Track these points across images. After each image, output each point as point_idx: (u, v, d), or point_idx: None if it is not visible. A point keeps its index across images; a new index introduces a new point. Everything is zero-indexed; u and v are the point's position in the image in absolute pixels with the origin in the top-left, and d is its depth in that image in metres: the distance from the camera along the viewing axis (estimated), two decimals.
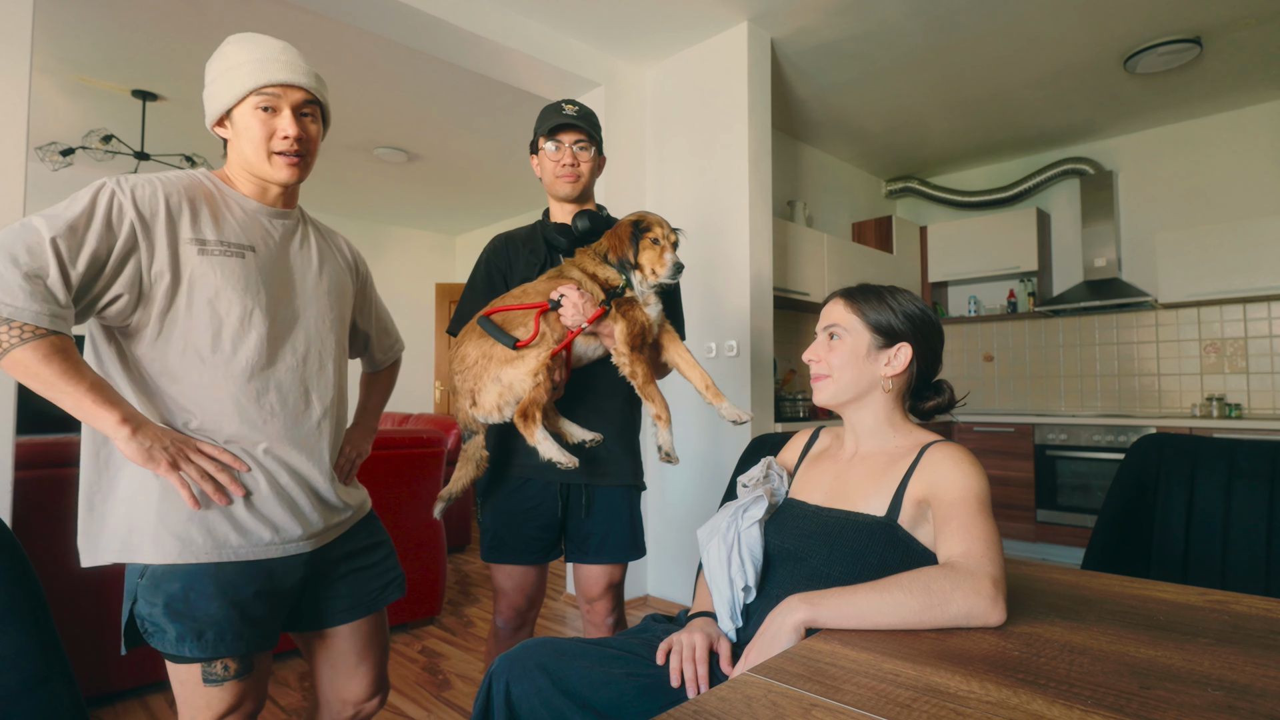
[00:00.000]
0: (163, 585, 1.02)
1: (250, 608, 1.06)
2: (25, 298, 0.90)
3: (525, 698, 1.00)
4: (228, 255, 1.07)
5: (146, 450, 0.98)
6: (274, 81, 1.08)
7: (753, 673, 0.74)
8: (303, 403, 1.15)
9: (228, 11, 2.95)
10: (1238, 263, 3.80)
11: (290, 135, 1.11)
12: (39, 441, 2.21)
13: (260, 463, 1.09)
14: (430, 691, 2.37)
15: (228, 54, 1.11)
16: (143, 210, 1.01)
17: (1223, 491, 1.50)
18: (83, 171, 4.95)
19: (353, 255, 1.36)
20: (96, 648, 2.17)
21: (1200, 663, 0.75)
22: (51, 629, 0.81)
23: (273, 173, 1.13)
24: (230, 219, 1.11)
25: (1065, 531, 4.10)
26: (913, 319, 1.13)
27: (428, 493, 2.98)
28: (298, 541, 1.12)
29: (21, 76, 2.01)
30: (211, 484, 1.03)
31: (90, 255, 0.96)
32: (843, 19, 3.07)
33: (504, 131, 4.29)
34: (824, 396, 1.14)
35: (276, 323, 1.12)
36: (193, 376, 1.06)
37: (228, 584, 1.04)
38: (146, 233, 1.01)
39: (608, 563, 1.59)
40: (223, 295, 1.06)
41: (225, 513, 1.05)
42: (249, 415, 1.09)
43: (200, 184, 1.11)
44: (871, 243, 4.88)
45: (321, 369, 1.19)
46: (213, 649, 1.03)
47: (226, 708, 1.07)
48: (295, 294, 1.17)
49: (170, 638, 1.02)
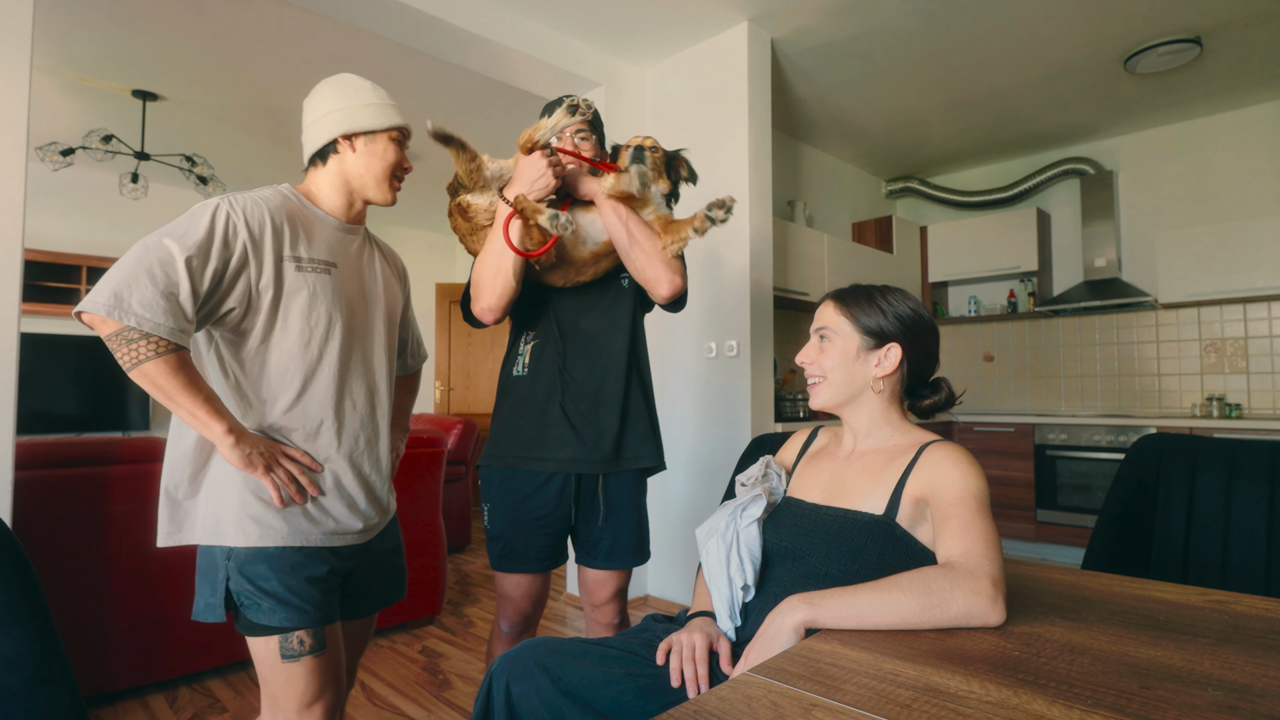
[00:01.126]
0: (248, 566, 1.13)
1: (321, 584, 1.17)
2: (164, 315, 1.01)
3: (525, 698, 1.00)
4: (318, 271, 1.20)
5: (246, 456, 1.10)
6: (408, 127, 1.29)
7: (753, 673, 0.74)
8: (370, 407, 1.28)
9: (228, 11, 2.95)
10: (1238, 263, 3.80)
11: (408, 168, 1.31)
12: (39, 441, 2.21)
13: (331, 460, 1.21)
14: (430, 691, 2.37)
15: (366, 87, 1.26)
16: (254, 230, 1.13)
17: (1223, 491, 1.50)
18: (83, 171, 4.95)
19: (402, 268, 1.47)
20: (97, 647, 2.17)
21: (1200, 663, 0.75)
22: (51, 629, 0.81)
23: (386, 194, 1.28)
24: (318, 236, 1.23)
25: (1065, 531, 4.10)
26: (903, 319, 1.12)
27: (428, 493, 2.98)
28: (355, 534, 1.24)
29: (22, 76, 2.01)
30: (294, 486, 1.16)
31: (213, 272, 1.07)
32: (843, 19, 3.07)
33: (504, 131, 4.29)
34: (820, 400, 1.15)
35: (353, 333, 1.25)
36: (286, 382, 1.17)
37: (301, 565, 1.15)
38: (256, 250, 1.13)
39: (617, 568, 1.58)
40: (314, 306, 1.18)
41: (301, 505, 1.18)
42: (328, 418, 1.21)
43: (290, 202, 1.22)
44: (871, 243, 4.88)
45: (384, 375, 1.32)
46: (296, 620, 1.13)
47: (309, 692, 1.14)
48: (368, 306, 1.30)
49: (264, 609, 1.12)
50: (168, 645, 2.30)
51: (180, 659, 2.34)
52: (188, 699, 2.30)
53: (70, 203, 5.01)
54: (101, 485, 2.19)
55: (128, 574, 2.22)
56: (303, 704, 1.13)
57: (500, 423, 1.57)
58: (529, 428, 1.52)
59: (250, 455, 1.10)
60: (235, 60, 3.40)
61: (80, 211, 5.05)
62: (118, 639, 2.20)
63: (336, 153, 1.25)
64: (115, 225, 5.17)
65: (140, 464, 2.27)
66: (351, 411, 1.24)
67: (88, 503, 2.17)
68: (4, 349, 1.95)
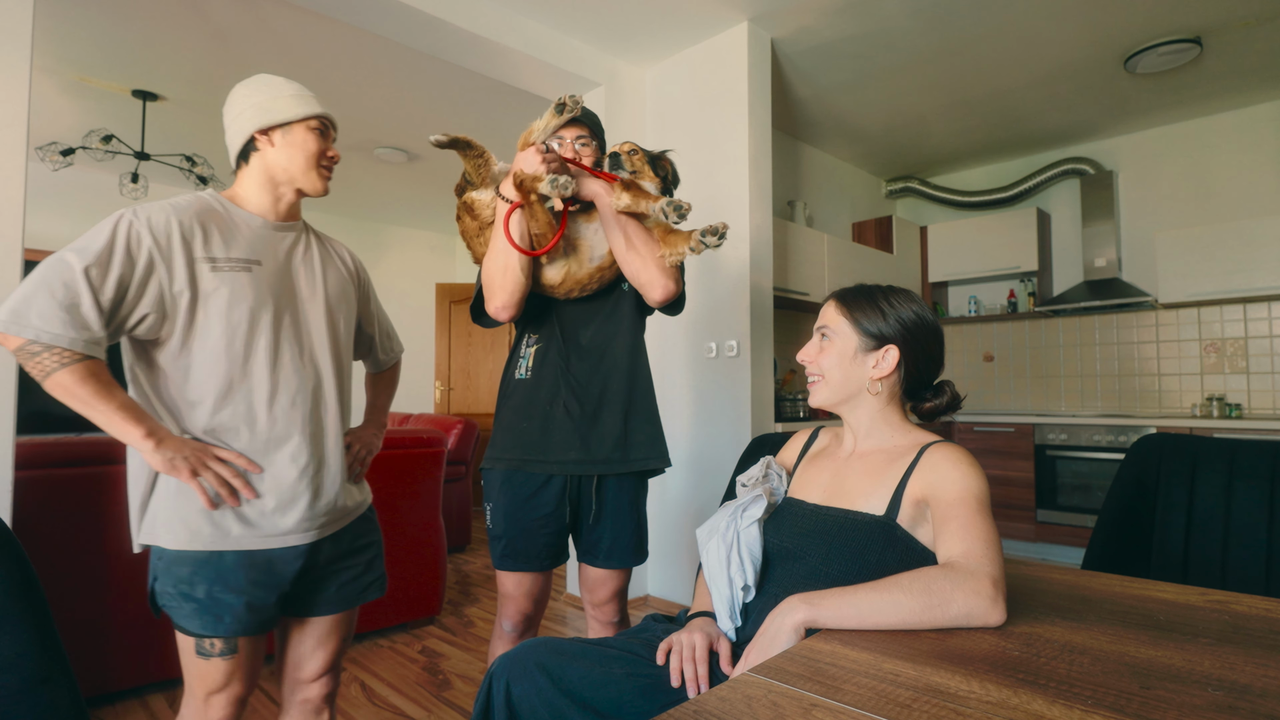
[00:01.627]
0: (174, 568, 1.15)
1: (247, 594, 1.16)
2: (63, 326, 1.03)
3: (525, 698, 1.00)
4: (236, 270, 1.19)
5: (169, 460, 1.11)
6: (329, 115, 1.30)
7: (753, 673, 0.74)
8: (308, 403, 1.25)
9: (228, 12, 2.95)
10: (1238, 263, 3.80)
11: (334, 156, 1.30)
12: (39, 441, 2.21)
13: (267, 460, 1.19)
14: (430, 691, 2.37)
15: (276, 82, 1.27)
16: (158, 236, 1.13)
17: (1223, 491, 1.50)
18: (83, 171, 4.95)
19: (353, 263, 1.45)
20: (97, 647, 2.17)
21: (1201, 663, 0.75)
22: (52, 629, 0.81)
23: (315, 183, 1.28)
24: (238, 236, 1.22)
25: (1065, 531, 4.10)
26: (903, 321, 1.12)
27: (428, 493, 2.98)
28: (296, 534, 1.21)
29: (22, 76, 2.01)
30: (226, 488, 1.15)
31: (117, 281, 1.08)
32: (843, 19, 3.07)
33: (504, 131, 4.29)
34: (818, 398, 1.16)
35: (282, 329, 1.23)
36: (211, 383, 1.17)
37: (227, 571, 1.15)
38: (164, 256, 1.13)
39: (617, 567, 1.59)
40: (234, 306, 1.17)
41: (234, 508, 1.17)
42: (260, 416, 1.19)
43: (208, 205, 1.22)
44: (872, 243, 4.88)
45: (325, 371, 1.29)
46: (221, 628, 1.15)
47: (214, 686, 1.18)
48: (299, 301, 1.28)
49: (181, 613, 1.16)
50: (168, 645, 2.30)
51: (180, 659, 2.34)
52: None
53: (70, 203, 5.01)
54: (101, 485, 2.19)
55: (128, 574, 2.22)
56: (209, 692, 1.19)
57: (504, 425, 1.58)
58: (534, 430, 1.53)
59: (173, 459, 1.10)
60: (235, 60, 3.40)
61: (80, 212, 5.05)
62: (118, 639, 2.21)
63: (257, 150, 1.25)
64: None
65: None
66: (288, 409, 1.21)
67: (88, 503, 2.17)
68: (4, 349, 1.95)
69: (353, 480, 1.35)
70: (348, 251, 1.45)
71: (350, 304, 1.38)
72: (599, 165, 1.53)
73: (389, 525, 2.80)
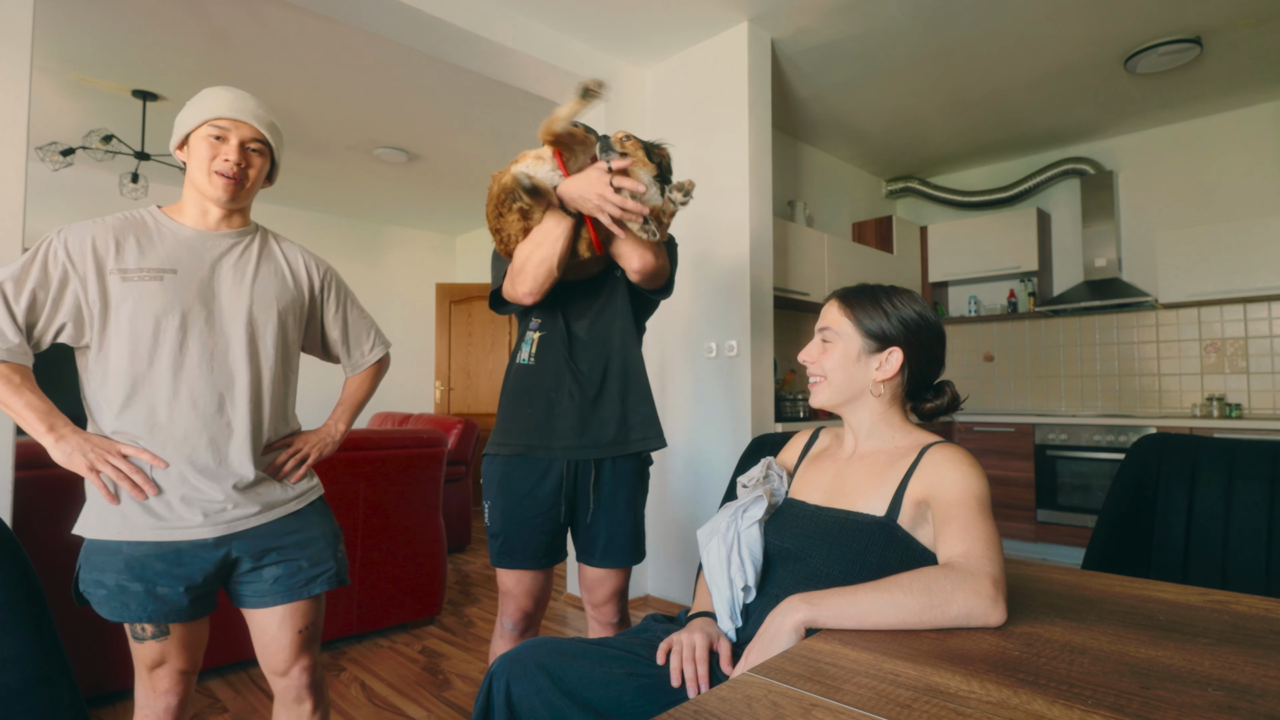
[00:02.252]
0: (91, 557, 1.24)
1: (157, 582, 1.24)
2: None
3: (526, 698, 1.00)
4: (145, 280, 1.25)
5: (67, 455, 1.20)
6: (226, 115, 1.29)
7: (753, 672, 0.74)
8: (214, 404, 1.29)
9: (228, 12, 2.95)
10: (1238, 263, 3.80)
11: (231, 159, 1.29)
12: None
13: (170, 457, 1.25)
14: (430, 691, 2.37)
15: (200, 94, 1.32)
16: (71, 252, 1.23)
17: (1223, 491, 1.50)
18: (83, 171, 4.96)
19: (309, 269, 1.47)
20: (97, 647, 2.17)
21: (1201, 663, 0.75)
22: (52, 629, 0.81)
23: (207, 189, 1.30)
24: (158, 247, 1.29)
25: (1065, 531, 4.10)
26: (907, 323, 1.12)
27: (428, 492, 2.98)
28: (200, 527, 1.26)
29: (22, 76, 2.01)
30: (128, 482, 1.21)
31: (30, 294, 1.19)
32: (843, 19, 3.07)
33: (504, 131, 4.29)
34: (819, 399, 1.15)
35: (190, 334, 1.28)
36: (120, 384, 1.24)
37: (135, 560, 1.23)
38: (78, 272, 1.23)
39: (614, 566, 1.60)
40: (139, 313, 1.24)
41: (140, 501, 1.25)
42: (161, 416, 1.25)
43: (136, 221, 1.31)
44: (872, 243, 4.88)
45: (238, 375, 1.32)
46: (128, 614, 1.23)
47: (151, 663, 1.28)
48: (217, 307, 1.32)
49: (95, 599, 1.24)
50: None
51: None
52: None
53: (70, 203, 5.01)
54: None
55: None
56: (149, 668, 1.28)
57: (508, 411, 1.60)
58: (538, 416, 1.55)
59: (71, 455, 1.19)
60: (235, 60, 3.40)
61: (80, 212, 5.05)
62: (118, 639, 2.20)
63: (183, 166, 1.33)
64: None
65: None
66: (190, 410, 1.26)
67: None
68: None
69: (282, 478, 1.38)
70: (307, 259, 1.47)
71: (291, 309, 1.41)
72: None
73: (389, 525, 2.80)
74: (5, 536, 0.81)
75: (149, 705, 1.30)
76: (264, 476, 1.35)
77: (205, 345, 1.29)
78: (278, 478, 1.37)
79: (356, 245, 6.43)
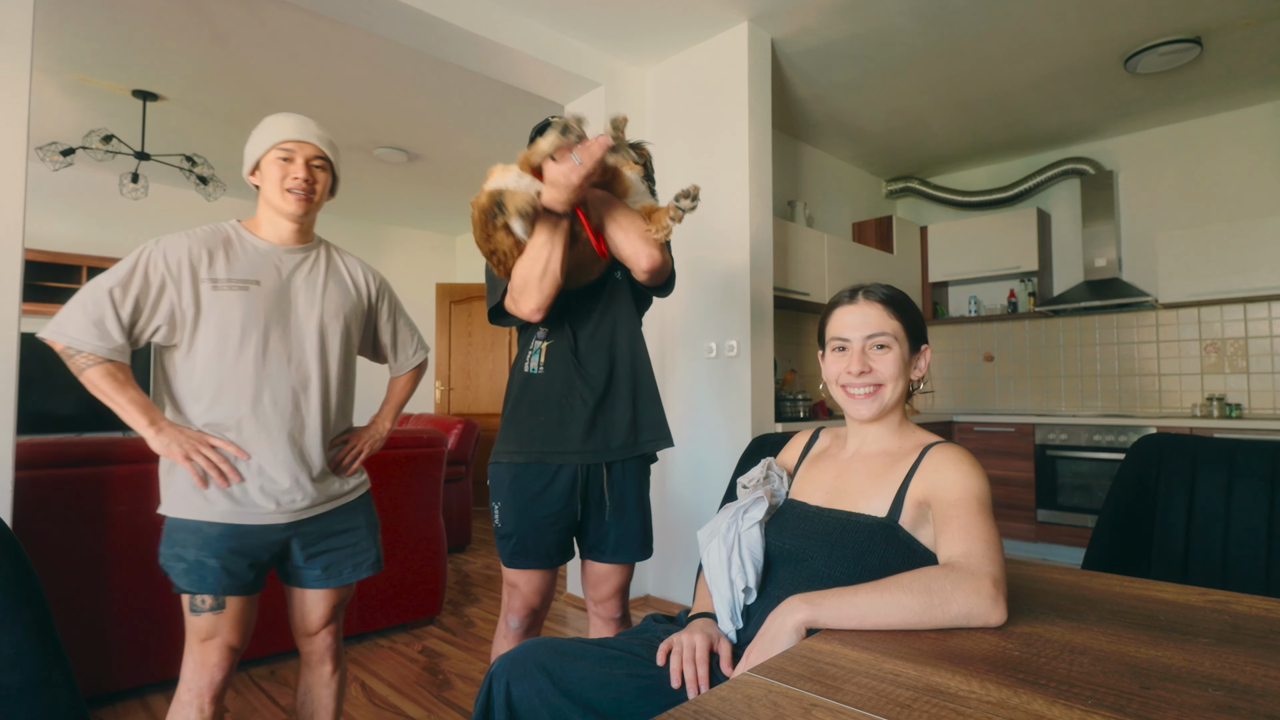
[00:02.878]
0: (173, 534, 1.38)
1: (226, 560, 1.37)
2: (90, 336, 1.31)
3: (526, 698, 1.00)
4: (233, 289, 1.41)
5: (165, 445, 1.35)
6: (291, 138, 1.44)
7: (753, 673, 0.74)
8: (291, 403, 1.44)
9: (228, 12, 2.95)
10: (1238, 263, 3.80)
11: (300, 176, 1.44)
12: (39, 441, 2.21)
13: (252, 450, 1.40)
14: (430, 691, 2.37)
15: (264, 121, 1.46)
16: (169, 262, 1.38)
17: (1223, 491, 1.50)
18: (83, 172, 4.95)
19: (365, 279, 1.62)
20: (97, 647, 2.17)
21: (1201, 663, 0.75)
22: (52, 629, 0.81)
23: (281, 205, 1.45)
24: (243, 259, 1.44)
25: (1066, 531, 4.10)
26: (921, 317, 1.15)
27: (428, 492, 2.98)
28: (273, 514, 1.41)
29: (22, 76, 2.01)
30: (216, 470, 1.36)
31: (133, 299, 1.35)
32: (843, 19, 3.07)
33: (504, 131, 4.29)
34: (876, 408, 1.10)
35: (271, 339, 1.42)
36: (208, 383, 1.39)
37: (213, 539, 1.36)
38: (174, 279, 1.37)
39: (623, 562, 1.61)
40: (227, 319, 1.39)
41: (222, 488, 1.39)
42: (246, 413, 1.40)
43: (222, 234, 1.45)
44: (872, 243, 4.87)
45: (312, 377, 1.47)
46: (203, 587, 1.36)
47: (204, 635, 1.39)
48: (293, 315, 1.47)
49: (174, 571, 1.37)
50: (168, 645, 2.30)
51: (180, 659, 2.33)
52: None
53: (70, 203, 5.00)
54: (102, 485, 2.19)
55: (128, 574, 2.22)
56: (201, 640, 1.40)
57: (518, 419, 1.59)
58: (551, 423, 1.55)
59: (169, 445, 1.35)
60: (235, 60, 3.40)
61: (80, 212, 5.05)
62: (118, 639, 2.21)
63: (257, 188, 1.48)
64: (115, 225, 5.17)
65: (140, 464, 2.27)
66: (271, 408, 1.41)
67: (88, 503, 2.17)
68: (5, 349, 1.96)
69: (340, 472, 1.53)
70: (365, 270, 1.63)
71: (353, 316, 1.57)
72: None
73: (389, 525, 2.80)
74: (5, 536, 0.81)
75: (195, 680, 1.40)
76: (327, 471, 1.50)
77: (283, 349, 1.44)
78: (336, 472, 1.52)
79: (356, 245, 6.43)
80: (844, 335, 1.13)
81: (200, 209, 5.52)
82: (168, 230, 5.38)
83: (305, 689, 1.60)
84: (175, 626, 2.31)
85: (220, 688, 1.41)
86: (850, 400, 1.12)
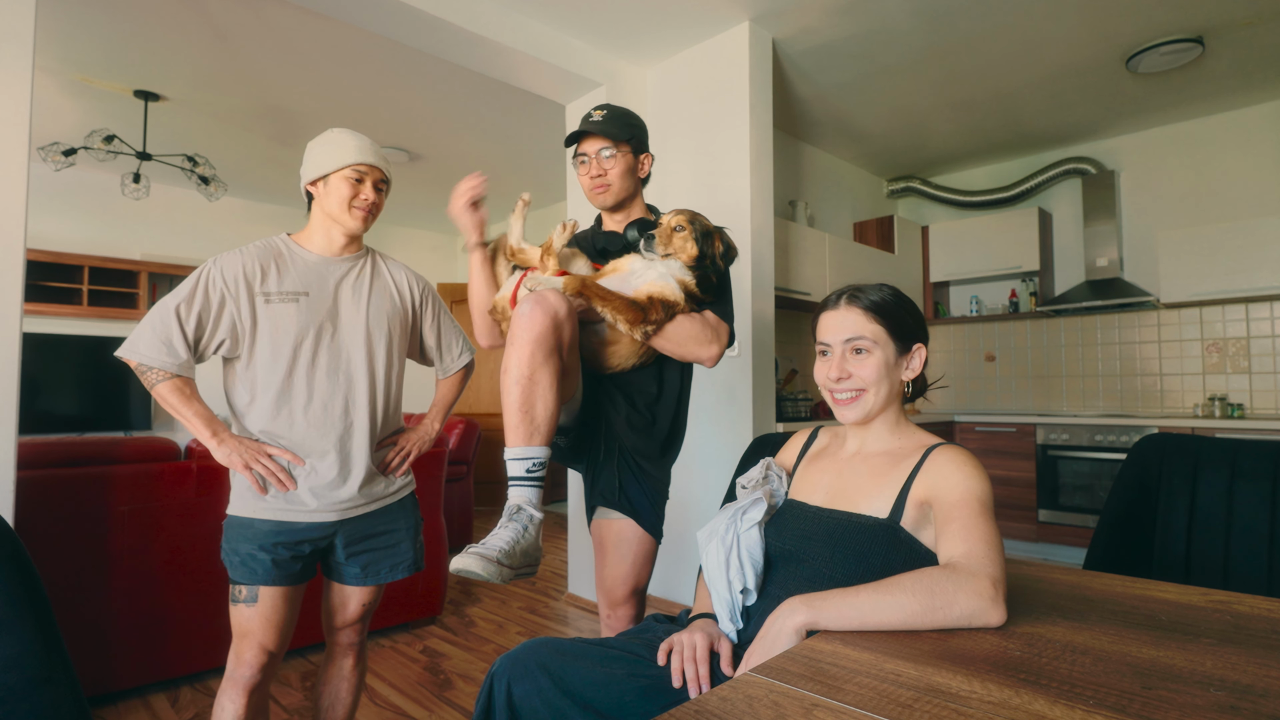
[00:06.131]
0: (231, 530, 1.48)
1: (274, 553, 1.46)
2: (160, 353, 1.40)
3: (527, 698, 1.00)
4: (284, 301, 1.48)
5: (226, 455, 1.44)
6: (365, 161, 1.51)
7: (754, 673, 0.74)
8: (340, 408, 1.51)
9: (229, 12, 2.95)
10: (1240, 262, 3.79)
11: (368, 199, 1.53)
12: (41, 441, 2.21)
13: (304, 454, 1.48)
14: (431, 691, 2.37)
15: (333, 136, 1.52)
16: (227, 279, 1.45)
17: (1225, 491, 1.50)
18: (85, 172, 4.96)
19: (409, 286, 1.68)
20: (99, 647, 2.17)
21: (1202, 663, 0.75)
22: (54, 629, 0.82)
23: (347, 222, 1.52)
24: (292, 271, 1.51)
25: (1067, 531, 4.09)
26: (915, 316, 1.13)
27: (429, 492, 2.98)
28: (320, 513, 1.49)
29: (24, 77, 2.01)
30: (274, 478, 1.45)
31: (197, 316, 1.43)
32: (844, 19, 3.07)
33: (505, 131, 4.29)
34: (859, 412, 1.10)
35: (320, 348, 1.50)
36: (262, 391, 1.47)
37: (264, 534, 1.46)
38: (232, 294, 1.45)
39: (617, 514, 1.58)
40: (280, 331, 1.47)
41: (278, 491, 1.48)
42: (298, 418, 1.48)
43: (274, 248, 1.53)
44: (873, 242, 4.87)
45: (358, 382, 1.53)
46: (255, 578, 1.45)
47: (241, 630, 1.46)
48: (340, 324, 1.54)
49: (230, 563, 1.47)
50: (170, 644, 2.30)
51: (182, 658, 2.34)
52: (189, 698, 2.31)
53: (72, 203, 5.01)
54: (104, 485, 2.19)
55: (130, 574, 2.22)
56: (238, 636, 1.48)
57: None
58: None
59: (230, 455, 1.43)
60: (237, 60, 3.41)
61: (82, 212, 5.05)
62: (120, 638, 2.21)
63: (314, 198, 1.54)
64: (117, 225, 5.18)
65: (142, 464, 2.27)
66: (321, 413, 1.49)
67: (90, 502, 2.17)
68: (6, 349, 1.96)
69: (388, 473, 1.59)
70: (409, 276, 1.68)
71: (398, 321, 1.63)
72: (635, 241, 1.46)
73: None
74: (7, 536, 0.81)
75: (231, 671, 1.49)
76: (375, 472, 1.56)
77: (332, 357, 1.51)
78: (385, 473, 1.59)
79: None
80: (825, 340, 1.13)
81: (202, 209, 5.53)
82: (168, 230, 5.41)
83: (326, 679, 1.67)
84: (177, 626, 2.31)
85: (254, 684, 1.48)
86: (835, 405, 1.13)
